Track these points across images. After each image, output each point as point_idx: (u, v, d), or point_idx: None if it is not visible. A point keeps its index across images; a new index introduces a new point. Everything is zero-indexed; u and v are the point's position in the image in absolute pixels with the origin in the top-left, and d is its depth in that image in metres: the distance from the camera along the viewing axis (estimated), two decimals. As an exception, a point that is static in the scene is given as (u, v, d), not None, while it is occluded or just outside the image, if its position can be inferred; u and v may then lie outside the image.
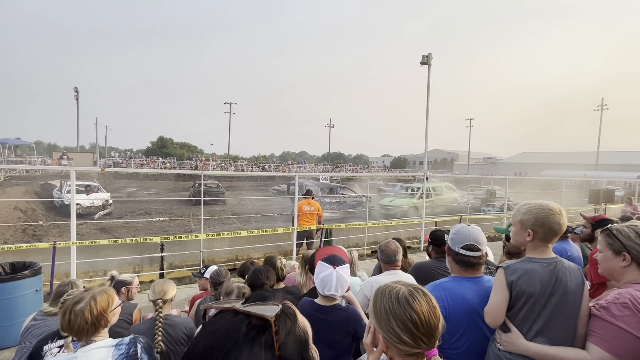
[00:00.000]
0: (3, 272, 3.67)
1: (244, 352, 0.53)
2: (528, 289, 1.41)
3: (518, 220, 1.53)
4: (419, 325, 0.92)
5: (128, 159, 43.53)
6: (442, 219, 9.73)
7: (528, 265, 1.46)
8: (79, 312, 1.45)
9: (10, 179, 21.82)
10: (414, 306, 0.94)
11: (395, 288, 1.00)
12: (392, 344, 0.94)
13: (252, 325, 0.56)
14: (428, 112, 8.99)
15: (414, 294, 0.98)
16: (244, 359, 0.53)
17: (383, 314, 0.97)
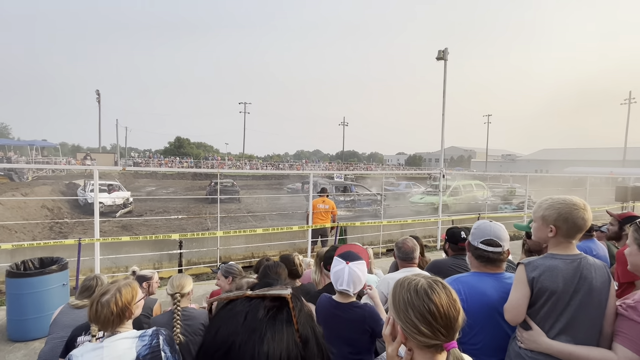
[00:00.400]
0: (32, 267, 3.86)
1: (268, 331, 0.55)
2: (550, 286, 1.37)
3: (540, 216, 1.48)
4: (437, 316, 0.92)
5: (147, 158, 44.79)
6: (460, 217, 9.55)
7: (550, 262, 1.41)
8: (105, 304, 1.51)
9: (37, 179, 22.86)
10: (433, 298, 0.94)
11: (415, 280, 1.00)
12: (411, 335, 0.94)
13: (269, 306, 0.58)
14: (444, 108, 8.82)
15: (433, 285, 0.97)
16: (269, 337, 0.54)
17: (401, 305, 0.97)
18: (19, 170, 21.91)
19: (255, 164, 46.99)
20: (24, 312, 3.65)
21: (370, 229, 8.24)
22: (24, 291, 3.65)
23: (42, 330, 3.49)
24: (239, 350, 0.53)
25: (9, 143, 32.96)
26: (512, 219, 9.84)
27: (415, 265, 2.43)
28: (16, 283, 3.66)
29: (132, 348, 1.47)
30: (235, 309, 0.59)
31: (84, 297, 2.51)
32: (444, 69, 8.77)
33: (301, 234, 7.42)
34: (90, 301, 1.55)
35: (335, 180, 18.34)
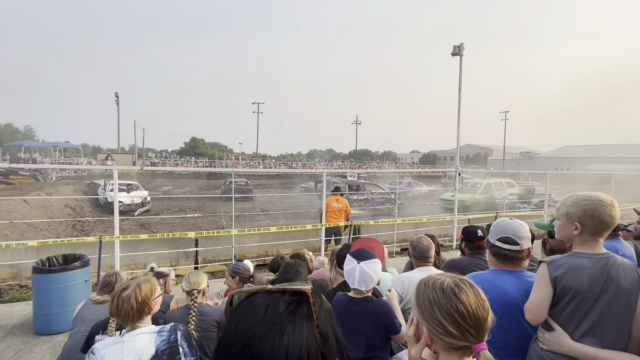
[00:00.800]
0: (57, 264, 4.00)
1: (289, 324, 0.55)
2: (574, 286, 1.32)
3: (564, 213, 1.43)
4: (466, 316, 0.88)
5: (164, 159, 45.82)
6: (476, 216, 9.35)
7: (575, 261, 1.36)
8: (125, 299, 1.55)
9: (61, 179, 23.75)
10: (461, 297, 0.90)
11: (440, 279, 0.97)
12: (437, 336, 0.91)
13: (289, 300, 0.58)
14: (460, 105, 8.64)
15: (460, 284, 0.94)
16: (289, 331, 0.54)
17: (427, 305, 0.94)
18: (43, 171, 22.83)
19: (268, 163, 47.38)
20: (49, 306, 3.79)
21: (384, 227, 8.18)
22: (49, 286, 3.80)
23: (66, 325, 3.61)
24: (259, 342, 0.53)
25: (34, 145, 34.38)
26: (531, 219, 9.56)
27: (431, 264, 2.39)
28: (42, 279, 3.81)
29: (151, 343, 1.51)
30: (256, 302, 0.58)
31: (104, 293, 2.59)
32: (460, 65, 8.58)
33: (314, 233, 7.43)
34: (111, 296, 1.60)
35: (348, 179, 18.26)
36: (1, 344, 3.59)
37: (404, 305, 2.20)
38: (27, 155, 29.24)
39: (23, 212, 12.69)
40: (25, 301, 4.63)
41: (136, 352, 1.47)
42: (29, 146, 32.26)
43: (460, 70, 8.58)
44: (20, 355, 3.41)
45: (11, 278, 5.46)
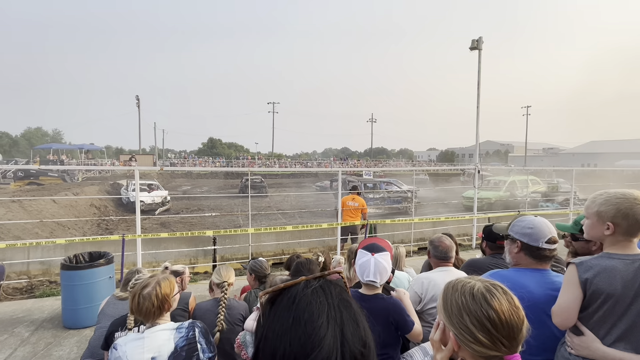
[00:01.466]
0: (83, 261, 4.17)
1: (349, 299, 0.61)
2: (607, 289, 1.25)
3: (594, 212, 1.35)
4: (498, 325, 0.82)
5: (182, 159, 46.96)
6: (496, 215, 9.08)
7: (607, 262, 1.29)
8: (146, 296, 1.60)
9: (87, 179, 24.77)
10: (492, 303, 0.84)
11: (470, 283, 0.91)
12: (465, 343, 0.85)
13: (329, 281, 0.63)
14: (479, 100, 8.40)
15: (491, 290, 0.88)
16: (353, 305, 0.60)
17: (455, 309, 0.88)
18: (70, 172, 23.87)
19: (284, 163, 47.71)
20: (76, 301, 3.96)
21: (401, 226, 8.07)
22: (76, 282, 3.96)
23: (92, 319, 3.76)
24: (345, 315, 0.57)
25: (61, 147, 36.03)
26: (555, 218, 9.20)
27: (451, 265, 2.33)
28: (69, 275, 3.98)
29: (170, 339, 1.54)
30: (306, 290, 0.59)
31: (126, 289, 2.67)
32: (478, 60, 8.34)
33: (330, 232, 7.42)
34: (131, 294, 1.64)
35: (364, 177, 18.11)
36: (33, 337, 3.78)
37: (422, 305, 2.15)
38: (56, 157, 30.66)
39: (52, 212, 13.31)
40: (55, 296, 4.85)
41: (156, 348, 1.51)
42: (57, 148, 33.83)
43: (479, 64, 8.34)
44: (50, 348, 3.57)
45: (42, 274, 5.73)
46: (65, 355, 3.45)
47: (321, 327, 0.54)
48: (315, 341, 0.52)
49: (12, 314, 4.27)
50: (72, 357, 3.40)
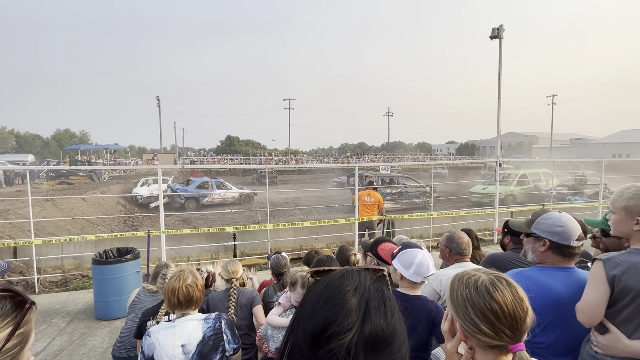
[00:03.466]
0: (112, 256, 4.39)
1: (384, 286, 0.64)
2: (636, 286, 1.21)
3: (622, 207, 1.31)
4: (500, 316, 0.85)
5: (202, 157, 48.04)
6: (519, 209, 8.81)
7: (636, 258, 1.24)
8: (193, 285, 1.70)
9: (112, 178, 25.84)
10: (495, 296, 0.87)
11: (475, 275, 0.94)
12: (471, 334, 0.89)
13: (369, 269, 0.66)
14: (500, 91, 8.13)
15: (495, 282, 0.90)
16: (386, 292, 0.63)
17: (460, 302, 0.92)
18: (97, 171, 24.95)
19: (300, 159, 47.92)
20: (107, 294, 4.18)
21: (420, 222, 7.98)
22: (107, 276, 4.18)
23: (122, 311, 3.97)
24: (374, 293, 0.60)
25: (89, 148, 37.64)
26: (583, 211, 8.81)
27: (468, 260, 2.31)
28: (100, 269, 4.20)
29: (198, 329, 1.64)
30: (350, 273, 0.64)
31: (156, 283, 2.81)
32: (499, 49, 8.05)
33: (347, 227, 7.43)
34: (174, 286, 1.70)
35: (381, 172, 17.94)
36: (69, 327, 4.03)
37: (441, 303, 2.15)
38: (84, 157, 32.09)
39: (82, 209, 13.99)
40: (87, 289, 5.14)
41: (186, 336, 1.60)
42: (85, 149, 35.36)
43: (500, 54, 8.06)
44: (84, 338, 3.80)
45: (75, 268, 6.07)
46: (99, 345, 3.66)
47: (346, 294, 0.58)
48: (340, 307, 0.57)
49: (49, 306, 4.56)
50: (104, 346, 3.60)
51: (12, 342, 0.68)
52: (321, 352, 0.55)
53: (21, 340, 0.70)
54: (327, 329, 0.56)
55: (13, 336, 0.68)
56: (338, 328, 0.55)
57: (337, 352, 0.54)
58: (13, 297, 0.70)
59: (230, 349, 1.67)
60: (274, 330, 2.16)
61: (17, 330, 0.69)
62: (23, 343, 0.71)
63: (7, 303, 0.69)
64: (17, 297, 0.71)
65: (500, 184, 15.00)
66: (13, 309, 0.69)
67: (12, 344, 0.68)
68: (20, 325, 0.69)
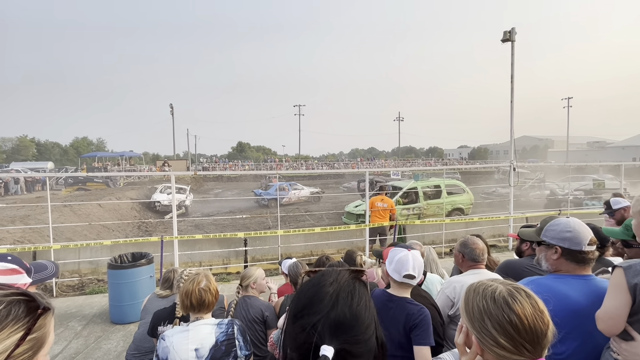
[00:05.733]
0: (127, 261, 4.47)
1: (357, 284, 0.79)
2: None
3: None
4: (520, 329, 0.81)
5: (214, 163, 48.71)
6: (536, 214, 8.59)
7: None
8: (206, 289, 1.72)
9: (127, 184, 26.44)
10: (514, 307, 0.83)
11: (491, 286, 0.90)
12: (488, 347, 0.85)
13: (353, 274, 0.81)
14: (513, 94, 8.01)
15: (514, 293, 0.86)
16: (357, 287, 0.78)
17: (476, 313, 0.88)
18: (113, 178, 25.58)
19: (310, 164, 48.06)
20: (122, 298, 4.25)
21: (431, 227, 7.86)
22: (121, 281, 4.26)
23: (136, 315, 4.02)
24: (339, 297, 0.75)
25: (105, 155, 38.72)
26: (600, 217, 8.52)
27: (483, 267, 2.26)
28: (115, 274, 4.28)
29: (211, 333, 1.65)
30: (327, 273, 0.81)
31: (166, 288, 2.84)
32: (511, 52, 7.95)
33: (358, 233, 7.39)
34: (188, 290, 1.72)
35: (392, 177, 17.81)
36: (85, 330, 4.11)
37: (455, 310, 2.10)
38: (100, 164, 32.99)
39: (98, 215, 14.34)
40: (103, 293, 5.24)
41: (199, 340, 1.62)
42: (101, 156, 36.38)
43: (512, 57, 7.96)
44: (100, 341, 3.87)
45: (91, 273, 6.20)
46: (113, 348, 3.72)
47: (322, 287, 0.76)
48: (315, 296, 0.75)
49: (66, 309, 4.67)
50: (118, 350, 3.66)
51: (22, 348, 0.66)
52: (295, 325, 0.74)
53: (33, 345, 0.69)
54: (303, 310, 0.74)
55: (24, 341, 0.66)
56: (310, 310, 0.73)
57: (305, 328, 0.71)
58: (27, 302, 0.69)
59: (242, 355, 1.68)
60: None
61: (29, 336, 0.67)
62: (35, 349, 0.69)
63: (21, 307, 0.68)
64: (31, 302, 0.70)
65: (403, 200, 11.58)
66: (26, 313, 0.68)
67: (22, 350, 0.66)
68: (32, 331, 0.68)
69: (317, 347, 0.68)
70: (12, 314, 0.67)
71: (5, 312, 0.66)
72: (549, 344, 0.84)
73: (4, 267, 1.07)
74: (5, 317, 0.66)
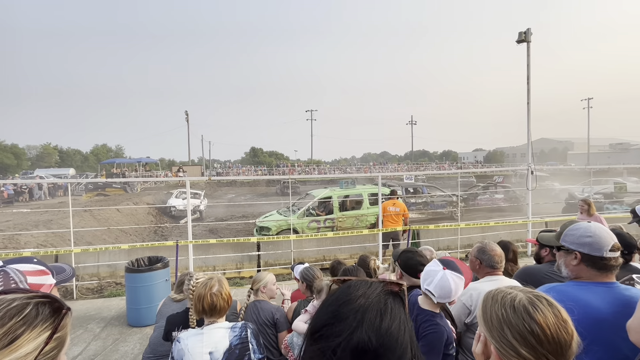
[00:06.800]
0: (143, 264, 4.57)
1: (389, 301, 0.66)
2: None
3: None
4: (542, 340, 0.78)
5: (227, 169, 49.43)
6: (555, 219, 8.32)
7: None
8: (218, 294, 1.74)
9: (144, 190, 27.13)
10: (535, 316, 0.80)
11: (510, 294, 0.86)
12: (508, 358, 0.82)
13: (387, 288, 0.69)
14: (529, 96, 7.83)
15: (534, 302, 0.83)
16: (390, 304, 0.65)
17: (495, 322, 0.84)
18: (130, 184, 26.30)
19: (323, 169, 48.11)
20: (138, 302, 4.34)
21: (446, 232, 7.72)
22: (138, 284, 4.35)
23: (152, 318, 4.07)
24: (369, 306, 0.64)
25: (123, 161, 39.82)
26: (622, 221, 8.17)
27: (501, 273, 2.20)
28: (132, 277, 4.38)
29: (225, 337, 1.67)
30: (357, 285, 0.68)
31: (180, 292, 2.89)
32: (527, 53, 7.79)
33: (371, 238, 7.33)
34: (200, 294, 1.76)
35: (405, 181, 17.63)
36: (103, 332, 4.21)
37: (472, 318, 2.05)
38: (119, 170, 33.97)
39: (117, 220, 14.73)
40: (120, 296, 5.36)
41: (213, 344, 1.64)
42: (120, 162, 37.46)
43: (527, 58, 7.79)
44: (117, 344, 3.95)
45: (109, 276, 6.37)
46: (130, 351, 3.79)
47: (346, 303, 0.65)
48: (336, 314, 0.64)
49: (85, 312, 4.80)
50: (135, 353, 3.73)
51: (50, 346, 0.71)
52: (313, 347, 0.64)
53: (58, 344, 0.74)
54: (321, 330, 0.63)
55: (51, 339, 0.71)
56: (330, 331, 0.62)
57: (325, 352, 0.61)
58: (52, 303, 0.75)
59: (255, 359, 1.68)
60: (300, 338, 2.16)
61: (55, 335, 0.72)
62: (60, 347, 0.74)
63: (47, 308, 0.73)
64: (55, 303, 0.75)
65: (281, 215, 10.10)
66: (51, 314, 0.73)
67: (50, 347, 0.71)
68: (58, 330, 0.73)
69: None
70: (40, 314, 0.71)
71: (34, 312, 0.71)
72: (573, 355, 0.80)
73: (35, 268, 1.14)
74: (34, 317, 0.70)
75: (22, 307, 0.70)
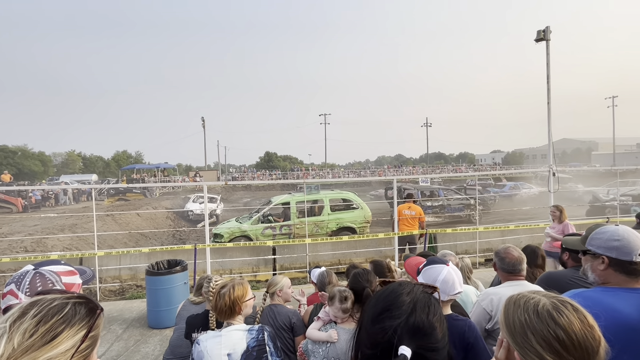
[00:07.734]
0: (163, 268, 4.68)
1: (432, 299, 0.90)
2: None
3: None
4: (568, 346, 0.76)
5: (242, 173, 50.12)
6: (581, 222, 8.00)
7: None
8: (222, 295, 1.79)
9: (163, 195, 27.85)
10: (560, 322, 0.78)
11: (533, 299, 0.85)
12: None
13: (425, 290, 0.94)
14: (550, 96, 7.61)
15: (559, 307, 0.80)
16: (432, 301, 0.89)
17: (518, 328, 0.83)
18: (149, 189, 27.07)
19: (337, 173, 48.08)
20: (158, 304, 4.45)
21: (464, 236, 7.55)
22: (158, 287, 4.46)
23: (171, 321, 4.17)
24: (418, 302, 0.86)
25: (142, 167, 41.05)
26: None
27: (523, 279, 2.14)
28: (152, 280, 4.50)
29: (243, 339, 1.70)
30: (403, 287, 0.92)
31: (199, 294, 2.94)
32: (546, 52, 7.58)
33: (387, 241, 7.25)
34: (219, 295, 1.83)
35: (420, 184, 17.38)
36: (125, 334, 4.33)
37: (493, 324, 2.00)
38: (139, 176, 35.00)
39: (137, 224, 15.17)
40: (141, 299, 5.50)
41: (231, 346, 1.67)
42: (139, 168, 38.62)
43: (547, 57, 7.59)
44: (138, 345, 4.05)
45: (130, 279, 6.55)
46: (150, 352, 3.88)
47: (401, 295, 0.87)
48: (394, 302, 0.85)
49: (108, 313, 4.95)
50: (155, 354, 3.81)
51: (85, 344, 0.75)
52: (376, 327, 0.83)
53: (92, 342, 0.78)
54: (382, 314, 0.84)
55: (87, 338, 0.75)
56: (390, 314, 0.82)
57: (387, 330, 0.80)
58: (87, 304, 0.79)
59: (272, 361, 1.70)
60: (314, 345, 2.15)
61: (90, 333, 0.76)
62: (93, 345, 0.79)
63: (83, 308, 0.77)
64: (90, 304, 0.80)
65: (245, 219, 10.03)
66: (87, 313, 0.78)
67: (85, 345, 0.75)
68: (92, 329, 0.77)
69: (395, 347, 0.76)
70: (77, 314, 0.76)
71: (72, 311, 0.75)
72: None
73: (65, 269, 1.21)
74: (72, 316, 0.75)
75: (61, 307, 0.74)
